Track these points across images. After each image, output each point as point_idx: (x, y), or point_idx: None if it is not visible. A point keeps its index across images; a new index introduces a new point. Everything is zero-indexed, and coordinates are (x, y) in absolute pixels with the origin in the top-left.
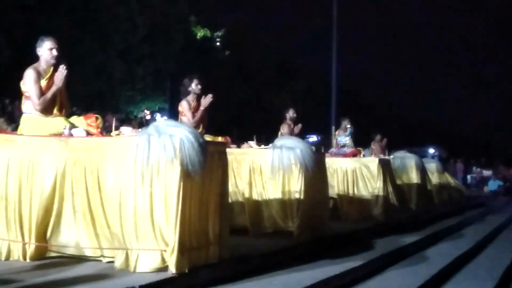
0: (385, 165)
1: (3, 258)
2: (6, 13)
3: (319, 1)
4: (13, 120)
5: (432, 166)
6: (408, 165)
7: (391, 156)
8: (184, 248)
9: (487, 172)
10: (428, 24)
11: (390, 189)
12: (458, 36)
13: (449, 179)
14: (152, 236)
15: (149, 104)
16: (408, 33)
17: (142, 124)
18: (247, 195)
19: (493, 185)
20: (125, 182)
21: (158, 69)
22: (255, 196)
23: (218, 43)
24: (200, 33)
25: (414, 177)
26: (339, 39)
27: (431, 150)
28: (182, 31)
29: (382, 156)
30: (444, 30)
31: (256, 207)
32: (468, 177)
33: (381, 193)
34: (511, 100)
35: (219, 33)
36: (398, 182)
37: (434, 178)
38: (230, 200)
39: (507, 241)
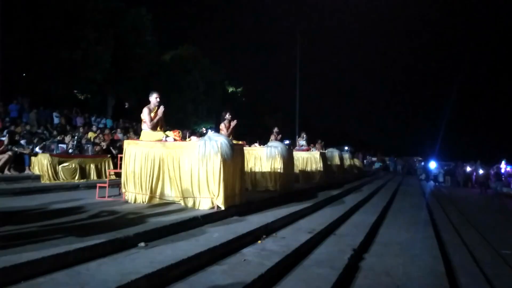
0: (323, 155)
1: (133, 202)
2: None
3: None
4: (137, 134)
5: (346, 155)
6: (334, 155)
7: (326, 150)
8: (223, 196)
9: (374, 159)
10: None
11: (324, 167)
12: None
13: (355, 161)
14: (207, 190)
15: (205, 125)
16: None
17: (201, 135)
18: (254, 170)
19: (377, 165)
20: (194, 164)
21: (210, 107)
22: (257, 171)
23: (239, 94)
24: (230, 89)
25: (337, 161)
26: (300, 90)
27: (346, 147)
28: (221, 88)
29: (321, 151)
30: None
31: (257, 177)
32: (365, 161)
33: (320, 169)
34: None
35: (240, 89)
36: (329, 163)
37: (347, 161)
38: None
39: (384, 193)
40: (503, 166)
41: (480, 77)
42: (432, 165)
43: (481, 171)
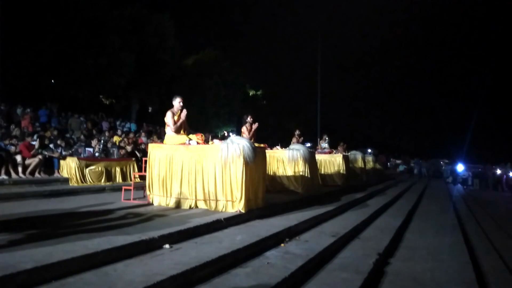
0: (345, 158)
1: (157, 204)
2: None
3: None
4: (161, 137)
5: (369, 158)
6: (357, 157)
7: (349, 153)
8: (245, 200)
9: (398, 161)
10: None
11: (347, 170)
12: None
13: (376, 165)
14: (230, 193)
15: (226, 128)
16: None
17: (223, 138)
18: (276, 173)
19: (401, 167)
20: (217, 166)
21: (231, 110)
22: (279, 174)
23: (260, 97)
24: (251, 92)
25: (360, 164)
26: (321, 93)
27: (369, 150)
28: (242, 91)
29: (344, 153)
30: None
31: (279, 180)
32: (388, 164)
33: (343, 172)
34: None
35: (260, 92)
36: (351, 166)
37: (370, 164)
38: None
39: (409, 196)
40: None
41: (510, 76)
42: (460, 167)
43: None
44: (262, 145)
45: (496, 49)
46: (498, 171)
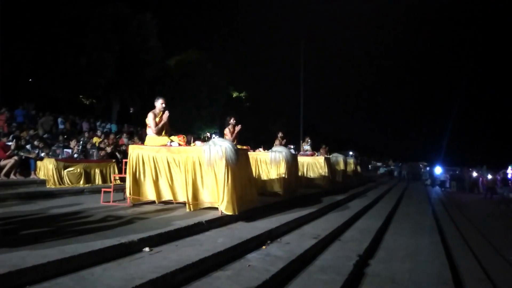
0: (327, 160)
1: (138, 207)
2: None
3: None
4: (142, 139)
5: (351, 160)
6: (339, 160)
7: (331, 156)
8: (227, 202)
9: (379, 163)
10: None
11: (329, 172)
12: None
13: (358, 167)
14: (212, 195)
15: (209, 130)
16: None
17: (205, 140)
18: (258, 175)
19: (382, 170)
20: (199, 168)
21: (214, 112)
22: (262, 176)
23: (243, 98)
24: (235, 94)
25: (342, 166)
26: (304, 95)
27: (350, 152)
28: (226, 93)
29: (326, 155)
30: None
31: (261, 182)
32: (369, 166)
33: (325, 174)
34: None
35: (244, 94)
36: (333, 168)
37: (352, 166)
38: None
39: (389, 198)
40: (509, 171)
41: (485, 82)
42: (438, 170)
43: (489, 176)
44: (244, 147)
45: (471, 57)
46: (474, 174)
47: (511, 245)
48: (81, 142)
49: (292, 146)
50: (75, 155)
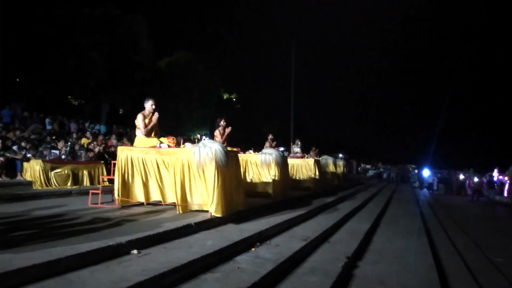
0: (317, 162)
1: (126, 209)
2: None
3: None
4: (131, 140)
5: (340, 162)
6: (328, 162)
7: (320, 158)
8: (217, 204)
9: (368, 166)
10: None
11: (319, 174)
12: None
13: (345, 169)
14: (201, 197)
15: (199, 131)
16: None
17: (196, 141)
18: (248, 177)
19: (371, 172)
20: (189, 170)
21: (204, 114)
22: (252, 178)
23: (234, 100)
24: (225, 95)
25: (331, 168)
26: (295, 98)
27: (340, 155)
28: (216, 94)
29: (315, 158)
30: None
31: (251, 184)
32: (359, 168)
33: (314, 177)
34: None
35: (234, 95)
36: (323, 170)
37: (341, 169)
38: None
39: (378, 201)
40: (495, 174)
41: (473, 86)
42: (426, 173)
43: (475, 179)
44: (235, 149)
45: (459, 61)
46: (461, 176)
47: (497, 247)
48: (69, 143)
49: (283, 148)
50: (63, 156)
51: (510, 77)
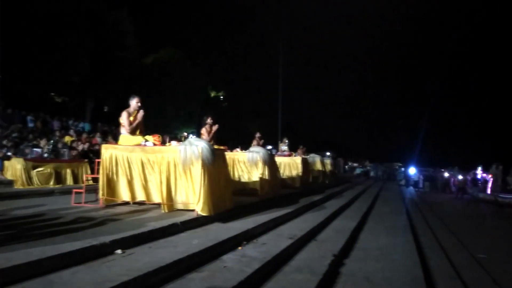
0: (304, 161)
1: (110, 208)
2: None
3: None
4: (116, 138)
5: (327, 161)
6: (315, 160)
7: (308, 156)
8: (204, 202)
9: (355, 164)
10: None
11: (306, 172)
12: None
13: (333, 167)
14: (188, 196)
15: (186, 130)
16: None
17: (183, 140)
18: (235, 175)
19: (358, 170)
20: (174, 169)
21: (191, 111)
22: (241, 175)
23: (222, 98)
24: (213, 93)
25: (319, 166)
26: (283, 95)
27: (328, 153)
28: (204, 92)
29: (303, 156)
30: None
31: (238, 182)
32: (346, 167)
33: (302, 175)
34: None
35: (222, 93)
36: (310, 168)
37: (328, 167)
38: None
39: (365, 199)
40: (479, 172)
41: (457, 86)
42: (412, 171)
43: (460, 177)
44: (222, 147)
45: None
46: (446, 174)
47: (480, 243)
48: (52, 141)
49: (270, 147)
50: (45, 155)
51: (494, 77)
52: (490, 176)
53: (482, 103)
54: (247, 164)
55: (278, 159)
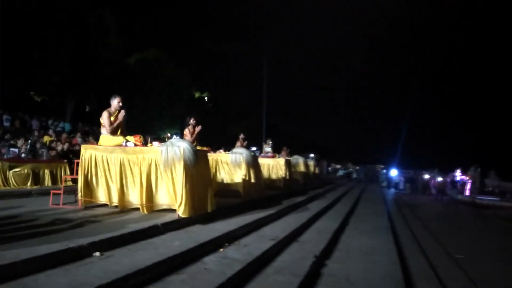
0: (288, 162)
1: (90, 210)
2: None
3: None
4: (98, 138)
5: (311, 162)
6: (299, 162)
7: (291, 157)
8: (185, 204)
9: (338, 166)
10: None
11: (289, 174)
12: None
13: (316, 169)
14: (169, 197)
15: (170, 130)
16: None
17: (166, 140)
18: (218, 176)
19: (341, 172)
20: (156, 170)
21: (175, 112)
22: (222, 177)
23: (206, 99)
24: (197, 94)
25: (302, 168)
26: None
27: (311, 155)
28: (188, 93)
29: (286, 157)
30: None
31: (221, 183)
32: (329, 168)
33: (285, 176)
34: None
35: (206, 94)
36: (293, 170)
37: (311, 168)
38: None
39: (347, 200)
40: (458, 174)
41: (437, 89)
42: (393, 172)
43: (439, 179)
44: (205, 148)
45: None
46: (426, 176)
47: (458, 244)
48: (30, 141)
49: (254, 148)
50: (23, 155)
51: (473, 82)
52: (468, 178)
53: (462, 107)
54: (230, 166)
55: (262, 161)
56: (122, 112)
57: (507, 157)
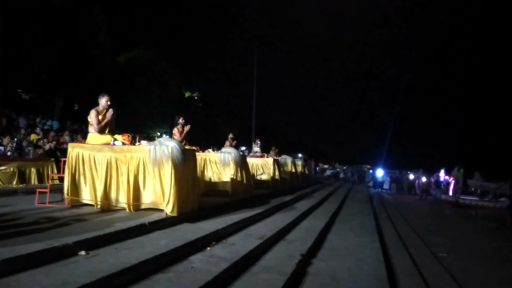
0: (276, 162)
1: (76, 208)
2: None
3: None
4: (84, 136)
5: (299, 162)
6: (287, 161)
7: (280, 157)
8: (173, 203)
9: (326, 166)
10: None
11: (278, 173)
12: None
13: (305, 169)
14: (156, 196)
15: (160, 130)
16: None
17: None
18: (206, 176)
19: (328, 172)
20: (143, 168)
21: (164, 111)
22: (210, 177)
23: (196, 98)
24: (187, 94)
25: (290, 167)
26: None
27: (300, 155)
28: (178, 93)
29: (275, 157)
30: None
31: (209, 183)
32: (317, 168)
33: (273, 176)
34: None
35: (196, 94)
36: (282, 170)
37: (299, 168)
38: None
39: (334, 199)
40: (442, 174)
41: (422, 92)
42: (379, 173)
43: (424, 179)
44: (193, 147)
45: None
46: (412, 176)
47: (441, 242)
48: (16, 139)
49: (243, 148)
50: (8, 153)
51: (458, 84)
52: (452, 178)
53: (446, 109)
54: (219, 165)
55: (250, 160)
56: (110, 111)
57: (491, 158)
